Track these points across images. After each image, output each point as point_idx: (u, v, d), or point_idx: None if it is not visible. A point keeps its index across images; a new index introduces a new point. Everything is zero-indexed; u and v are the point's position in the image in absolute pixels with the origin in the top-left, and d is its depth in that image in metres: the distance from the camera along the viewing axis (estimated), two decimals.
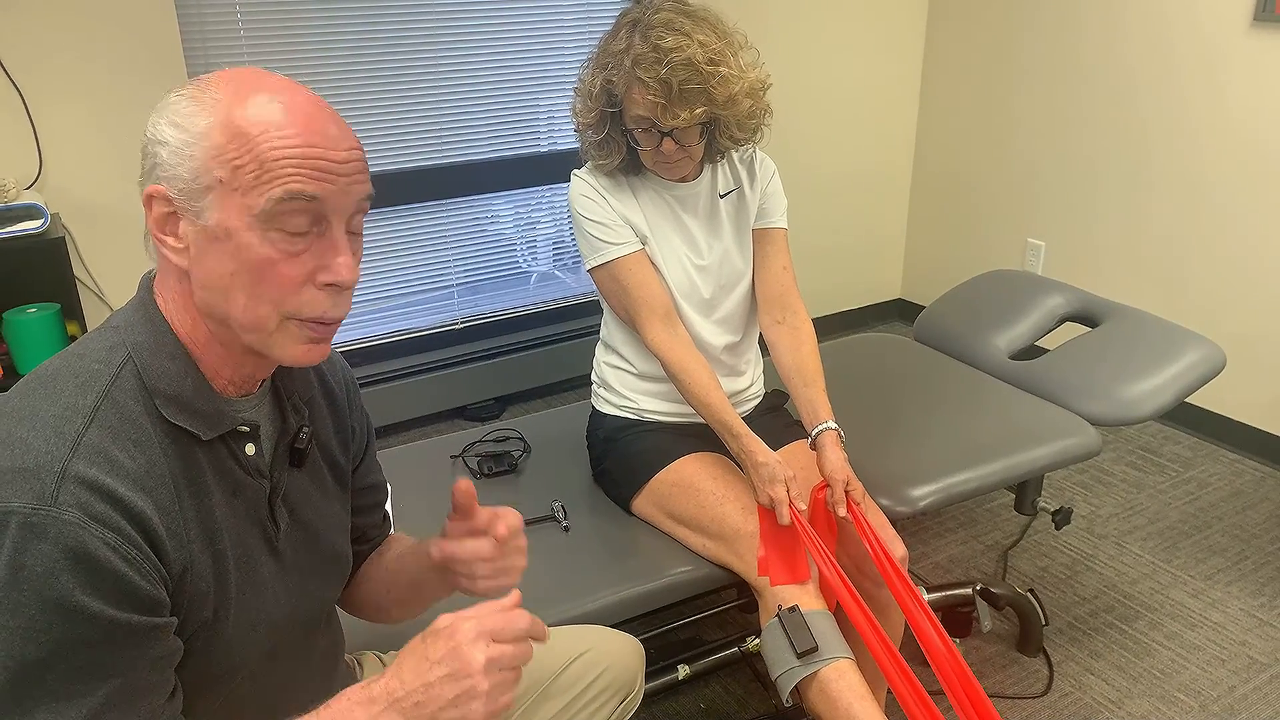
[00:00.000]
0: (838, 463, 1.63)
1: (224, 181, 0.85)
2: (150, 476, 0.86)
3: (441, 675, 0.85)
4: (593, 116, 1.65)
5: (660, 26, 1.55)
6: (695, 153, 1.67)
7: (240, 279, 0.87)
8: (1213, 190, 2.97)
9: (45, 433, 0.82)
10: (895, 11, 3.68)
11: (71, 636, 0.78)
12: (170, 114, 0.87)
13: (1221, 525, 2.70)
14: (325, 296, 0.90)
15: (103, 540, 0.79)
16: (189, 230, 0.88)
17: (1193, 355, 2.11)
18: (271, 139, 0.85)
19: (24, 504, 0.78)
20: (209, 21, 2.63)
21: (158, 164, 0.87)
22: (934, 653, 1.46)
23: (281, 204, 0.85)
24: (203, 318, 0.91)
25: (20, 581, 0.77)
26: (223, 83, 0.88)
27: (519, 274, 3.46)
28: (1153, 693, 2.11)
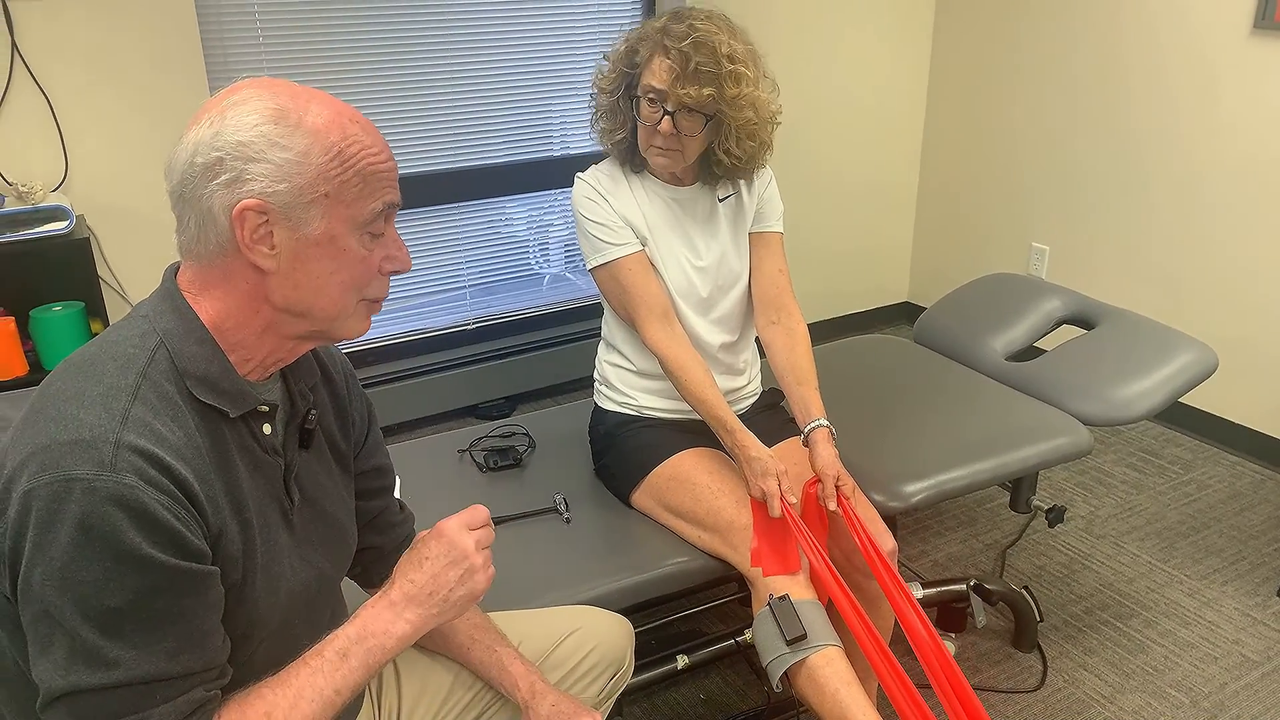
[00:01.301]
0: (829, 458, 1.68)
1: (330, 196, 0.96)
2: (188, 448, 0.94)
3: (444, 565, 1.07)
4: (612, 80, 1.74)
5: (699, 18, 1.65)
6: (689, 148, 1.71)
7: (339, 275, 1.00)
8: (1213, 196, 3.01)
9: (95, 409, 0.90)
10: (902, 23, 3.73)
11: (143, 585, 0.88)
12: (255, 132, 0.93)
13: (1219, 526, 2.73)
14: (386, 280, 1.05)
15: (158, 501, 0.88)
16: (285, 238, 0.96)
17: (1185, 357, 2.15)
18: (366, 157, 0.98)
19: (86, 471, 0.86)
20: (228, 28, 2.71)
21: (247, 178, 0.93)
22: (920, 644, 1.52)
23: (381, 212, 1.00)
24: (269, 310, 1.00)
25: (92, 540, 0.85)
26: (289, 98, 0.96)
27: (531, 276, 3.53)
28: (1145, 688, 2.15)
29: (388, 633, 1.05)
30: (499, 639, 1.31)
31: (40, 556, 0.86)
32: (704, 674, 2.21)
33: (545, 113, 3.32)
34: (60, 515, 0.85)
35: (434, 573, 1.07)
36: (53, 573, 0.86)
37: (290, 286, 0.98)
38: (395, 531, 1.32)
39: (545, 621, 1.42)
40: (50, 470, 0.86)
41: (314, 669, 1.01)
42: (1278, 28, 2.75)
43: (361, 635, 1.04)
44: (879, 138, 3.85)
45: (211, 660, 0.95)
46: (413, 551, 1.10)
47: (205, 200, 0.95)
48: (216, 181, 0.94)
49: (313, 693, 0.99)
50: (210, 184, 0.94)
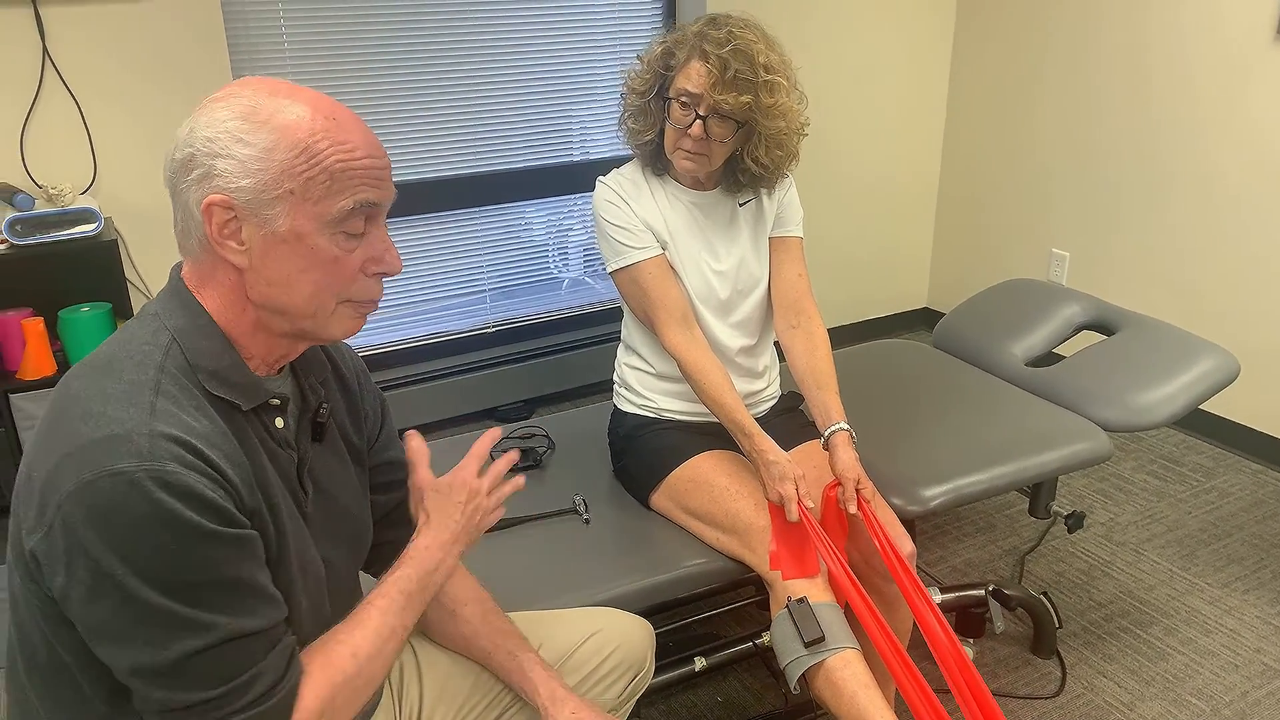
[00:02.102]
0: (849, 462, 1.69)
1: (295, 193, 0.96)
2: (215, 434, 0.96)
3: (471, 508, 1.21)
4: (645, 81, 1.75)
5: (737, 25, 1.67)
6: (716, 153, 1.72)
7: (309, 274, 0.99)
8: (1236, 203, 2.99)
9: (121, 404, 0.92)
10: (923, 30, 3.73)
11: (210, 556, 0.91)
12: (226, 128, 0.96)
13: (1241, 535, 2.71)
14: (375, 283, 1.04)
15: (200, 482, 0.91)
16: (253, 234, 0.97)
17: (1207, 363, 2.15)
18: (337, 154, 0.97)
19: (129, 464, 0.88)
20: (254, 33, 2.74)
21: (215, 174, 0.95)
22: (939, 647, 1.52)
23: (352, 211, 0.98)
24: (253, 307, 1.01)
25: (153, 525, 0.88)
26: (267, 95, 0.97)
27: (550, 280, 3.55)
28: (1164, 696, 2.14)
29: (439, 569, 1.16)
30: (521, 644, 1.32)
31: (105, 549, 0.88)
32: (721, 676, 2.22)
33: (565, 118, 3.34)
34: (115, 508, 0.87)
35: (467, 515, 1.20)
36: (123, 561, 0.88)
37: (264, 283, 0.99)
38: (412, 526, 1.33)
39: (566, 623, 1.43)
40: (91, 468, 0.88)
41: (383, 609, 1.09)
42: None
43: (419, 574, 1.14)
44: (899, 144, 3.86)
45: (283, 610, 1.00)
46: (442, 498, 1.20)
47: (183, 195, 0.98)
48: (190, 177, 0.96)
49: (388, 631, 1.08)
50: (186, 179, 0.97)
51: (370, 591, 1.13)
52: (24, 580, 0.95)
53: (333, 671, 1.03)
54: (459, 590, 1.35)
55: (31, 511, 0.91)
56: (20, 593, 0.97)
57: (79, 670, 0.97)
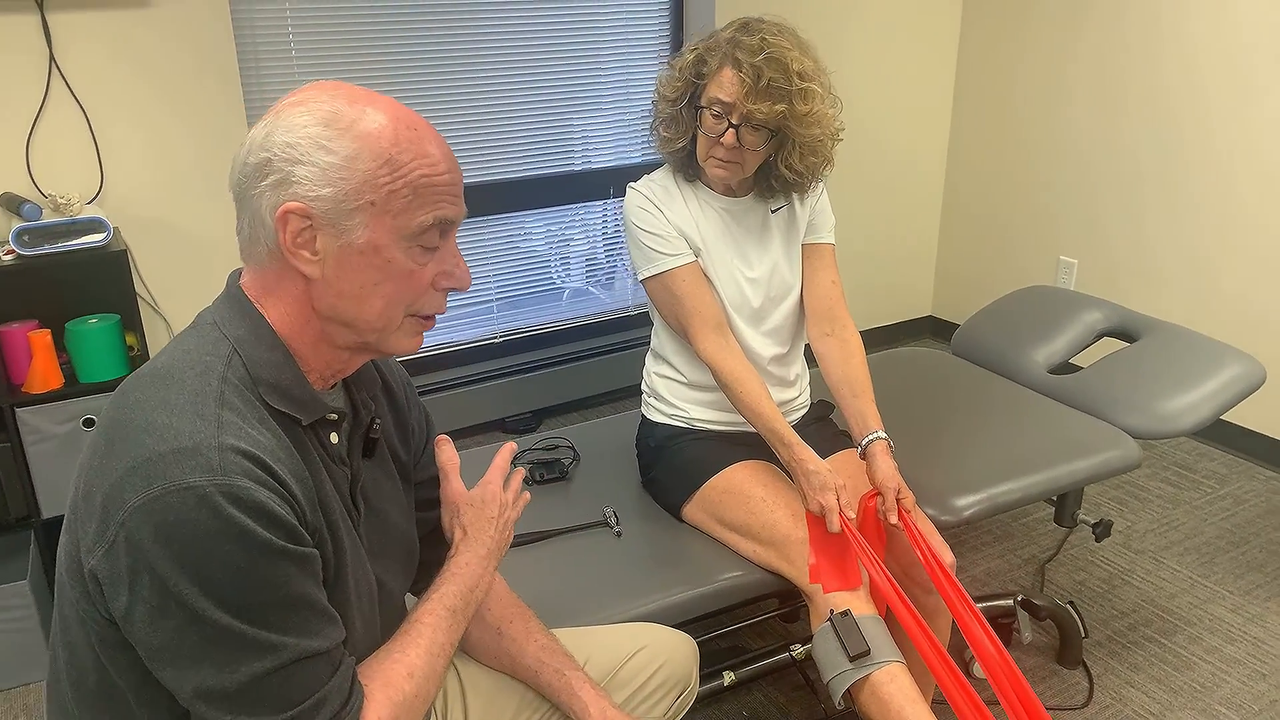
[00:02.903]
0: (889, 471, 1.66)
1: (376, 204, 0.93)
2: (280, 449, 0.93)
3: (502, 522, 1.22)
4: (677, 88, 1.72)
5: (770, 31, 1.64)
6: (749, 161, 1.70)
7: (383, 287, 0.97)
8: (1245, 210, 2.99)
9: (186, 416, 0.88)
10: (927, 37, 3.73)
11: (279, 574, 0.89)
12: (303, 133, 0.92)
13: (1259, 541, 2.70)
14: (441, 297, 1.02)
15: (270, 499, 0.88)
16: (328, 245, 0.94)
17: (1233, 370, 2.14)
18: (420, 168, 0.95)
19: (201, 478, 0.85)
20: (261, 41, 2.71)
21: (293, 181, 0.92)
22: (986, 658, 1.49)
23: (432, 226, 0.96)
24: (319, 319, 0.98)
25: (225, 542, 0.85)
26: (348, 102, 0.94)
27: (555, 289, 3.52)
28: (1194, 706, 2.12)
29: (479, 585, 1.16)
30: (567, 661, 1.29)
31: (173, 567, 0.84)
32: (746, 690, 2.19)
33: (566, 129, 3.31)
34: (185, 524, 0.84)
35: (500, 528, 1.21)
36: (191, 581, 0.85)
37: (334, 295, 0.96)
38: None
39: (611, 639, 1.40)
40: (160, 481, 0.84)
41: (433, 626, 1.08)
42: None
43: (463, 590, 1.13)
44: (903, 152, 3.85)
45: (343, 633, 0.97)
46: (478, 512, 1.21)
47: (255, 201, 0.94)
48: (265, 182, 0.93)
49: (437, 648, 1.07)
50: (259, 185, 0.93)
51: (416, 607, 1.10)
52: (79, 601, 0.92)
53: (393, 691, 1.01)
54: (503, 608, 1.32)
55: (91, 528, 0.87)
56: (74, 615, 0.93)
57: (134, 696, 0.93)
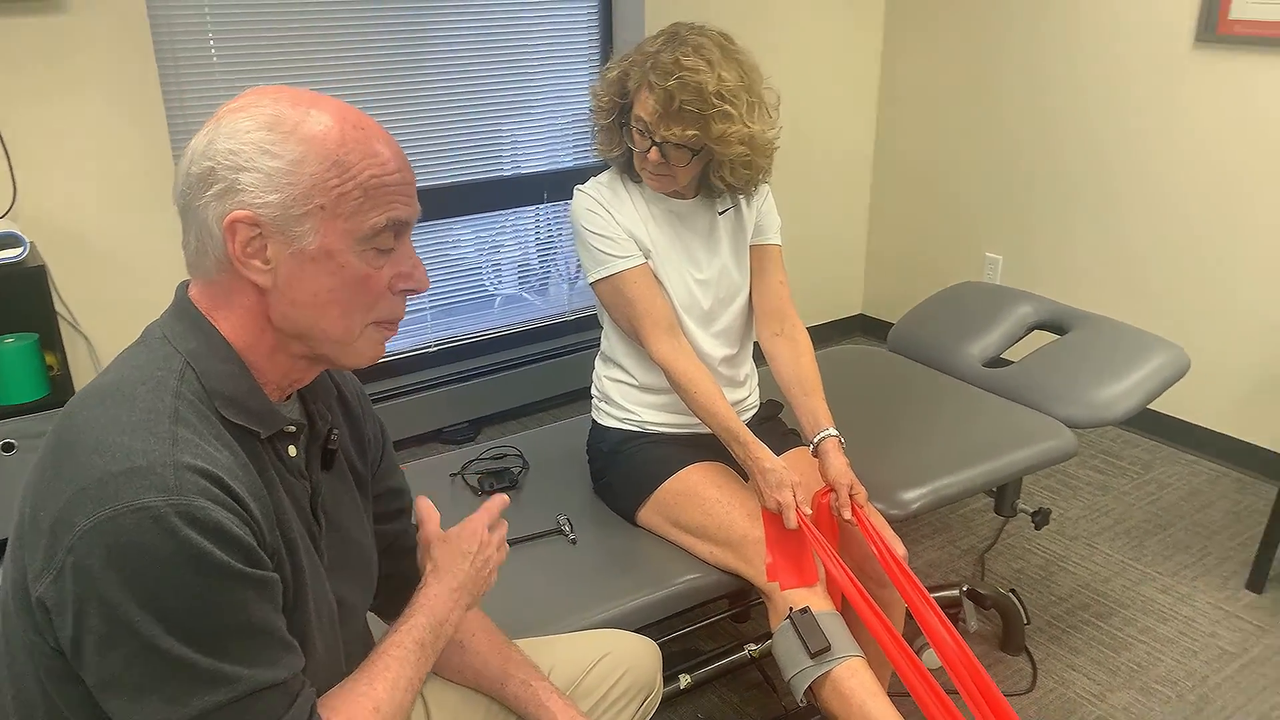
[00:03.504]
0: (841, 467, 1.68)
1: (325, 208, 0.90)
2: (237, 467, 0.89)
3: (480, 560, 1.17)
4: (605, 101, 1.72)
5: (691, 47, 1.61)
6: (680, 174, 1.71)
7: (339, 294, 0.94)
8: (1165, 202, 3.11)
9: (139, 434, 0.84)
10: (851, 39, 3.79)
11: (237, 599, 0.85)
12: (246, 139, 0.89)
13: (1183, 524, 2.80)
14: (399, 300, 0.99)
15: (228, 519, 0.84)
16: (279, 253, 0.91)
17: (1159, 359, 2.21)
18: (370, 167, 0.92)
19: (155, 499, 0.81)
20: (181, 48, 2.62)
21: (239, 189, 0.89)
22: (942, 646, 1.52)
23: (385, 228, 0.93)
24: (273, 330, 0.95)
25: (181, 565, 0.81)
26: (290, 105, 0.91)
27: (489, 297, 3.48)
28: (1132, 685, 2.19)
29: (449, 620, 1.11)
30: (533, 672, 1.27)
31: (124, 593, 0.80)
32: (700, 693, 2.19)
33: (495, 132, 3.27)
34: (138, 547, 0.80)
35: (476, 566, 1.16)
36: (143, 606, 0.81)
37: (288, 304, 0.93)
38: (415, 556, 1.27)
39: (574, 647, 1.39)
40: (111, 502, 0.81)
41: (400, 659, 1.04)
42: (1219, 40, 2.86)
43: (432, 623, 1.09)
44: (830, 153, 3.90)
45: (301, 662, 0.94)
46: (452, 546, 1.17)
47: (201, 212, 0.91)
48: (209, 192, 0.90)
49: (405, 682, 1.02)
50: (204, 195, 0.90)
51: (382, 639, 1.07)
52: (27, 632, 0.87)
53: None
54: (467, 621, 1.29)
55: (39, 554, 0.83)
56: (21, 646, 0.88)
57: None
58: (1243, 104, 2.87)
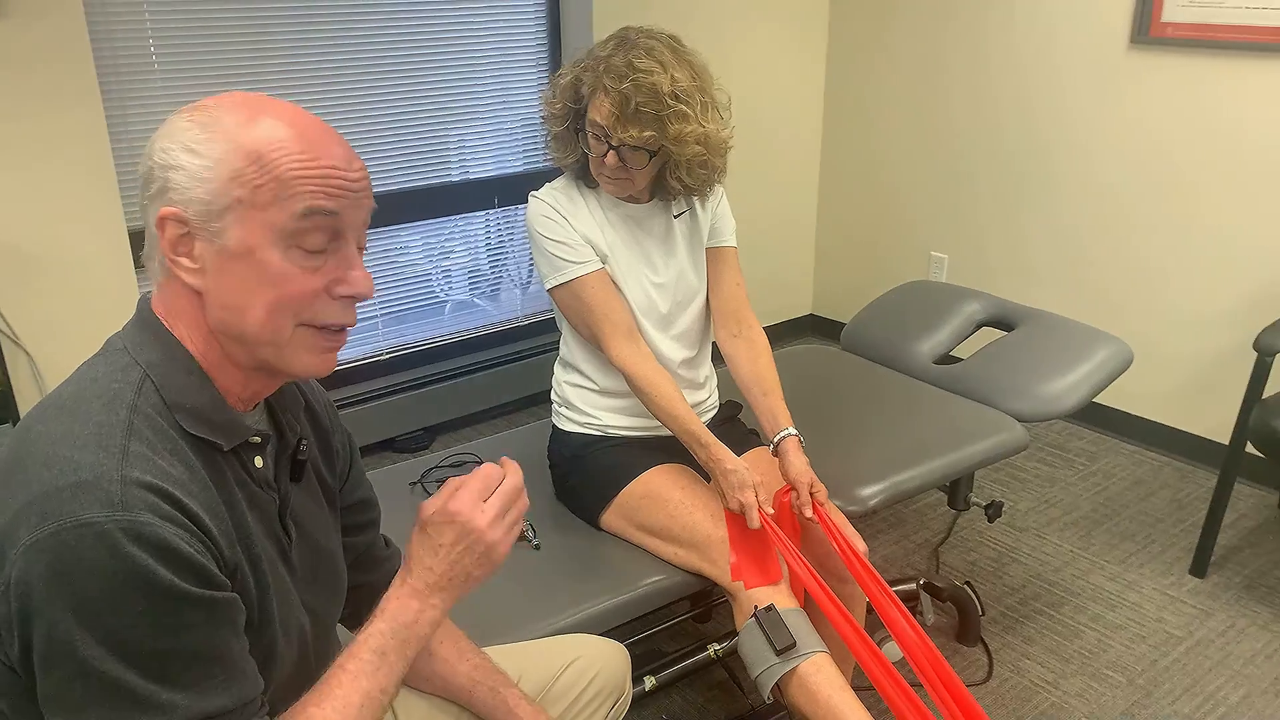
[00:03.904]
0: (801, 466, 1.70)
1: (243, 201, 0.88)
2: (193, 482, 0.88)
3: (461, 551, 1.01)
4: (558, 108, 1.71)
5: (643, 49, 1.62)
6: (637, 177, 1.72)
7: (261, 294, 0.90)
8: (1104, 199, 3.19)
9: (90, 449, 0.83)
10: (796, 44, 3.83)
11: (181, 621, 0.83)
12: (181, 139, 0.90)
13: (1129, 513, 2.88)
14: (340, 307, 0.95)
15: (177, 535, 0.82)
16: (205, 251, 0.90)
17: (1104, 352, 2.27)
18: (290, 159, 0.89)
19: (98, 514, 0.79)
20: (122, 59, 2.57)
21: (169, 188, 0.89)
22: (904, 638, 1.54)
23: (302, 220, 0.90)
24: (216, 336, 0.94)
25: (122, 583, 0.79)
26: (230, 108, 0.91)
27: (439, 303, 3.46)
28: (1084, 671, 2.24)
29: (418, 621, 1.01)
30: (502, 679, 1.27)
31: (64, 611, 0.79)
32: (664, 695, 2.19)
33: (443, 137, 3.25)
34: (80, 564, 0.79)
35: (453, 559, 1.02)
36: (83, 625, 0.79)
37: (219, 307, 0.92)
38: (385, 567, 1.27)
39: (542, 653, 1.39)
40: (55, 518, 0.79)
41: (355, 673, 0.97)
42: (1154, 42, 2.95)
43: (394, 628, 1.00)
44: (777, 155, 3.94)
45: (257, 686, 0.91)
46: (425, 537, 1.02)
47: (145, 215, 0.91)
48: (149, 193, 0.90)
49: (360, 698, 0.96)
50: (146, 196, 0.91)
51: (343, 651, 1.01)
52: None
53: None
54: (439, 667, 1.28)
55: None
56: None
57: None
58: (1176, 103, 2.95)
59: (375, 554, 1.25)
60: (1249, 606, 2.46)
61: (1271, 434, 2.35)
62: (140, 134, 2.65)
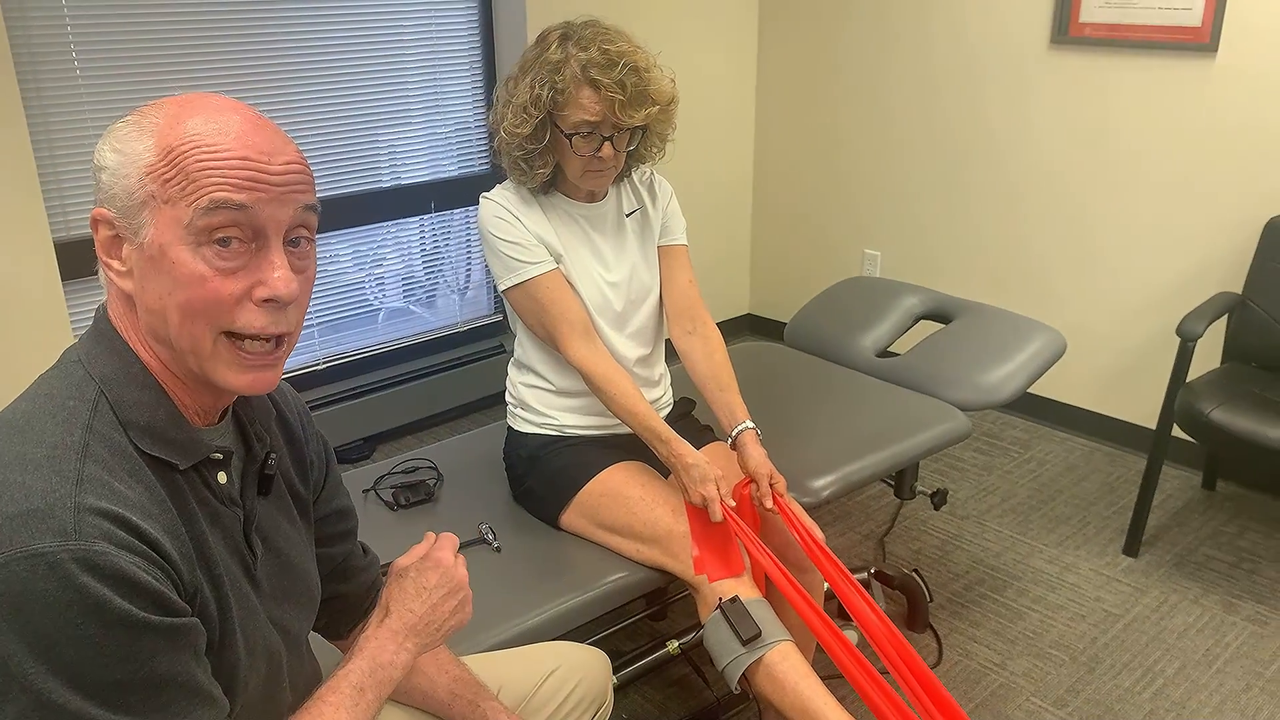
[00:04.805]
0: (760, 459, 1.72)
1: (155, 196, 0.86)
2: (152, 504, 0.86)
3: (442, 595, 1.11)
4: (530, 127, 1.67)
5: (598, 38, 1.65)
6: (621, 161, 1.74)
7: (175, 297, 0.86)
8: (1030, 194, 3.29)
9: (43, 473, 0.81)
10: (727, 44, 3.87)
11: (140, 650, 0.80)
12: (112, 140, 0.89)
13: (1063, 497, 2.97)
14: (263, 313, 0.89)
15: (133, 564, 0.80)
16: (131, 253, 0.88)
17: (1039, 341, 2.34)
18: (200, 151, 0.86)
19: (50, 544, 0.77)
20: (43, 70, 2.49)
21: (99, 187, 0.88)
22: (867, 623, 1.58)
23: (209, 215, 0.85)
24: (153, 344, 0.91)
25: (76, 615, 0.77)
26: (166, 106, 0.90)
27: (373, 311, 3.41)
28: (1029, 651, 2.31)
29: (393, 663, 1.06)
30: (482, 691, 1.26)
31: (17, 644, 0.76)
32: (623, 694, 2.20)
33: (372, 142, 3.21)
34: (31, 596, 0.76)
35: (434, 603, 1.10)
36: (38, 659, 0.76)
37: (145, 311, 0.89)
38: (361, 577, 1.24)
39: (523, 663, 1.38)
40: (5, 548, 0.77)
41: (335, 705, 0.99)
42: (1073, 41, 3.06)
43: (372, 667, 1.04)
44: (711, 155, 3.98)
45: (223, 710, 0.90)
46: (407, 581, 1.11)
47: None
48: (94, 196, 0.89)
49: None
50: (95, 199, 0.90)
51: (323, 684, 1.03)
52: None
53: None
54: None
55: None
56: None
57: None
58: (1094, 100, 3.06)
59: (353, 563, 1.23)
60: (1179, 583, 2.56)
61: (1196, 416, 2.45)
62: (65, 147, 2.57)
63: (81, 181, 2.62)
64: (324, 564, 1.17)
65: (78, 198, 2.63)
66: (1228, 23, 2.77)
